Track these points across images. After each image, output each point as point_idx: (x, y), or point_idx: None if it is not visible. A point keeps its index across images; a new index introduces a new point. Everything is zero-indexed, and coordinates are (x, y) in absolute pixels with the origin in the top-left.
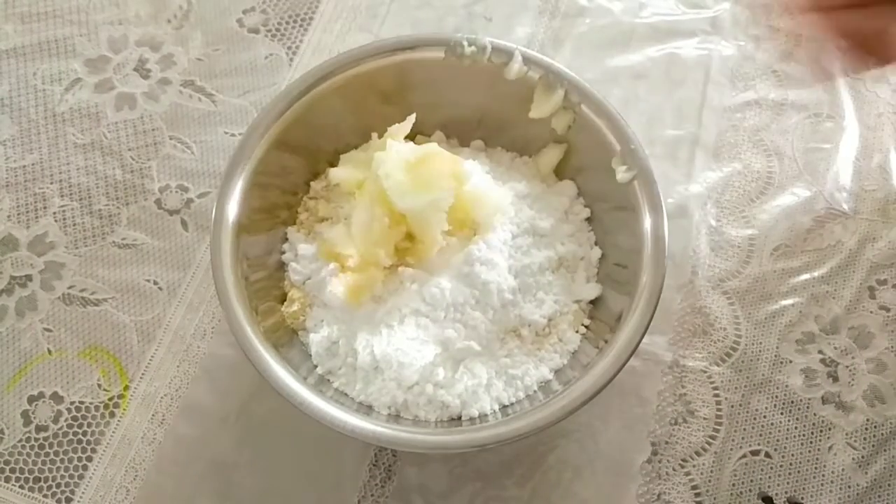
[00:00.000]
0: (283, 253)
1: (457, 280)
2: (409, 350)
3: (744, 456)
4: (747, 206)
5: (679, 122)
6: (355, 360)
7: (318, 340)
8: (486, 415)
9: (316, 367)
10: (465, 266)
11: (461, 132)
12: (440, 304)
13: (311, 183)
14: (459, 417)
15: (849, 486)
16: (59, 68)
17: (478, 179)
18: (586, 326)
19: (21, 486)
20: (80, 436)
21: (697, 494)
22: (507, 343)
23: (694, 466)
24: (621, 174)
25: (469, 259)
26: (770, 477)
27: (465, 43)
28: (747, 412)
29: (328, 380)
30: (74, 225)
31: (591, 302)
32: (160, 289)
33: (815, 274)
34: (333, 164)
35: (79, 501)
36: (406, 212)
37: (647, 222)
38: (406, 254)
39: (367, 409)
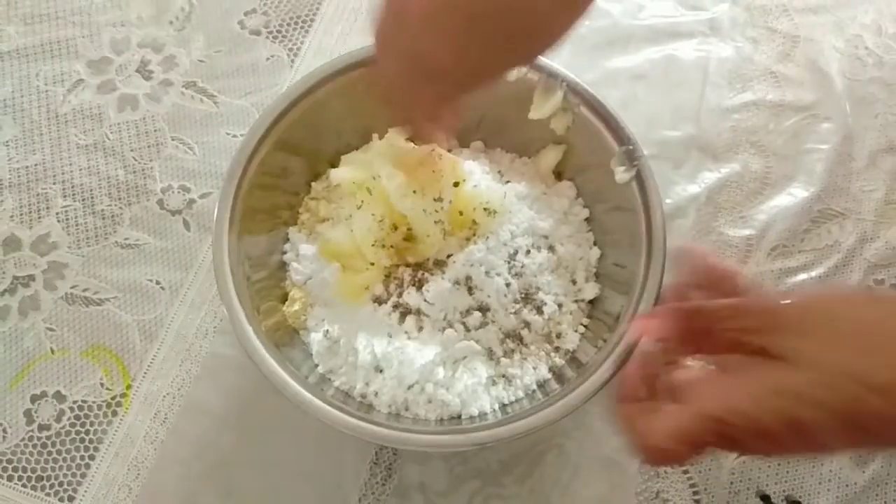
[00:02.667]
0: (285, 253)
1: (457, 280)
2: (409, 349)
3: (742, 454)
4: (745, 207)
5: (677, 123)
6: (356, 359)
7: (319, 340)
8: (485, 414)
9: (317, 366)
10: (465, 266)
11: (461, 133)
12: (440, 303)
13: (313, 183)
14: (459, 416)
15: (846, 485)
16: (62, 69)
17: (477, 180)
18: (585, 326)
19: (24, 485)
20: (83, 435)
21: (696, 493)
22: (507, 342)
23: (692, 465)
24: (620, 175)
25: (469, 259)
26: (768, 475)
27: None
28: None
29: (329, 379)
30: (77, 225)
31: (590, 302)
32: (162, 288)
33: (813, 274)
34: (334, 165)
35: (81, 500)
36: (406, 212)
37: (646, 223)
38: (406, 254)
39: (367, 408)
